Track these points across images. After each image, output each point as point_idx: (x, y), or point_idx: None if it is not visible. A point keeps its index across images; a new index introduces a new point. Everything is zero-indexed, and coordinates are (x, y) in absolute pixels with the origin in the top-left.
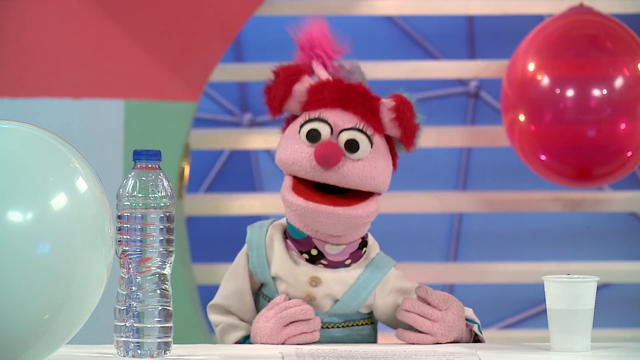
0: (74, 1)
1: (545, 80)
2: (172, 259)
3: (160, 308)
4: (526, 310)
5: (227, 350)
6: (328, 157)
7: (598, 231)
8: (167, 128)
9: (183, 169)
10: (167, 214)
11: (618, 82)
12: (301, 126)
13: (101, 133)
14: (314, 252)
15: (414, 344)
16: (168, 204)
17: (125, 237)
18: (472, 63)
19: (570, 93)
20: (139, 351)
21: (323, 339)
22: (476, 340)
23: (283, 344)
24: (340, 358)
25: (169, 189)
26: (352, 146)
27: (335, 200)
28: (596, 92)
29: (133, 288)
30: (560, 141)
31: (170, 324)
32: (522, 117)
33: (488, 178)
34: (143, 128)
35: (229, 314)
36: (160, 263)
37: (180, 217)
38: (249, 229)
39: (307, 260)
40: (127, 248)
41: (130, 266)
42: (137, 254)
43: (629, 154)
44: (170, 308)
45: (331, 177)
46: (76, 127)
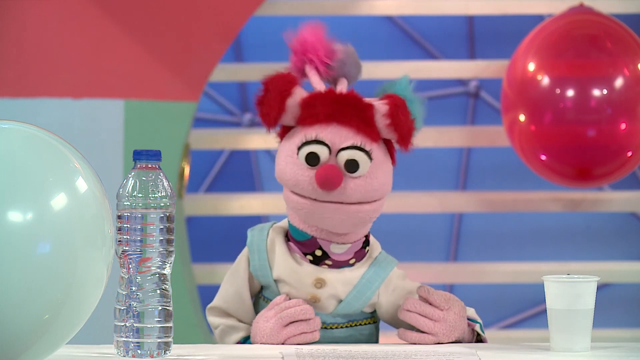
0: (74, 1)
1: (545, 80)
2: (172, 259)
3: (160, 308)
4: (526, 310)
5: (227, 350)
6: (329, 181)
7: (598, 231)
8: (167, 128)
9: (183, 169)
10: (167, 214)
11: (618, 82)
12: (299, 148)
13: (101, 133)
14: (319, 253)
15: (416, 344)
16: (168, 204)
17: (125, 237)
18: (472, 63)
19: (570, 93)
20: (139, 351)
21: (326, 340)
22: (479, 340)
23: (283, 344)
24: (340, 358)
25: (169, 189)
26: (352, 166)
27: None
28: (596, 92)
29: (133, 288)
30: (560, 141)
31: (170, 324)
32: (522, 117)
33: (488, 178)
34: (143, 128)
35: (228, 316)
36: (160, 263)
37: (180, 217)
38: (250, 232)
39: (311, 261)
40: (127, 248)
41: (130, 266)
42: (137, 254)
43: (629, 154)
44: (170, 308)
45: (334, 197)
46: (76, 127)
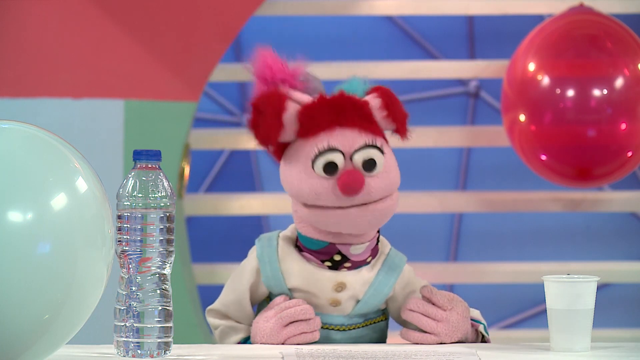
0: (74, 1)
1: (545, 80)
2: (172, 259)
3: (160, 308)
4: (526, 310)
5: (227, 350)
6: (353, 187)
7: (598, 231)
8: (167, 128)
9: (183, 169)
10: (167, 214)
11: (618, 82)
12: (313, 161)
13: (101, 133)
14: (337, 258)
15: (418, 344)
16: (168, 204)
17: (125, 237)
18: (472, 63)
19: (570, 93)
20: (139, 351)
21: (345, 341)
22: (483, 341)
23: (283, 344)
24: (340, 358)
25: (169, 189)
26: (370, 165)
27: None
28: (596, 92)
29: (133, 288)
30: (560, 141)
31: (170, 324)
32: (522, 117)
33: (488, 178)
34: (143, 128)
35: (228, 318)
36: (160, 263)
37: (180, 217)
38: (258, 243)
39: (330, 267)
40: (127, 248)
41: (130, 266)
42: (137, 254)
43: (629, 154)
44: (170, 308)
45: (358, 199)
46: (76, 127)
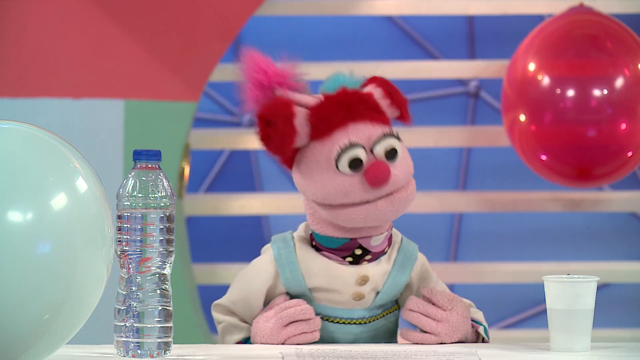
0: (74, 1)
1: (545, 80)
2: (172, 259)
3: (160, 308)
4: (526, 310)
5: (227, 350)
6: (381, 178)
7: (598, 231)
8: (167, 128)
9: (183, 169)
10: (167, 214)
11: (618, 82)
12: (336, 160)
13: (101, 133)
14: (359, 252)
15: (418, 344)
16: (168, 204)
17: (125, 237)
18: (472, 63)
19: (570, 93)
20: (139, 351)
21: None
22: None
23: (283, 344)
24: (340, 358)
25: (169, 189)
26: (393, 154)
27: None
28: (596, 92)
29: (133, 288)
30: (560, 141)
31: (170, 324)
32: (523, 117)
33: (488, 178)
34: (143, 128)
35: (233, 315)
36: (160, 263)
37: (180, 217)
38: (273, 245)
39: (351, 262)
40: (127, 248)
41: (130, 266)
42: (137, 254)
43: (629, 154)
44: (170, 308)
45: (385, 190)
46: (76, 127)
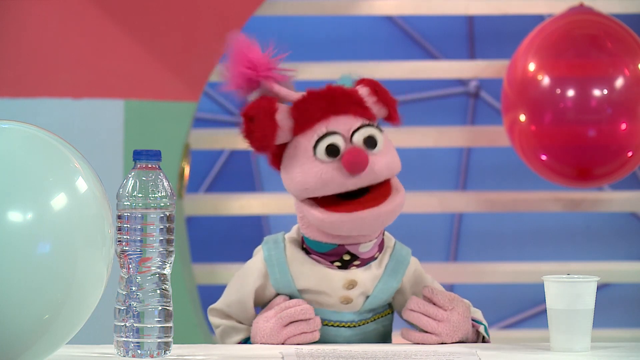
0: (74, 1)
1: (545, 80)
2: (172, 259)
3: (160, 308)
4: (526, 310)
5: (227, 350)
6: (358, 163)
7: (598, 231)
8: (167, 128)
9: (183, 169)
10: (167, 214)
11: (618, 82)
12: (314, 147)
13: (101, 133)
14: (347, 257)
15: (418, 344)
16: (168, 204)
17: (125, 237)
18: (472, 63)
19: (570, 93)
20: (139, 351)
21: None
22: (483, 342)
23: (283, 344)
24: (340, 358)
25: (169, 189)
26: (371, 142)
27: (365, 202)
28: (596, 92)
29: (133, 288)
30: (560, 141)
31: (170, 324)
32: (523, 117)
33: (488, 178)
34: (143, 128)
35: (229, 318)
36: (160, 263)
37: (180, 217)
38: (264, 246)
39: (339, 267)
40: (127, 248)
41: (130, 266)
42: (137, 254)
43: (629, 154)
44: (170, 308)
45: (363, 180)
46: (76, 127)
